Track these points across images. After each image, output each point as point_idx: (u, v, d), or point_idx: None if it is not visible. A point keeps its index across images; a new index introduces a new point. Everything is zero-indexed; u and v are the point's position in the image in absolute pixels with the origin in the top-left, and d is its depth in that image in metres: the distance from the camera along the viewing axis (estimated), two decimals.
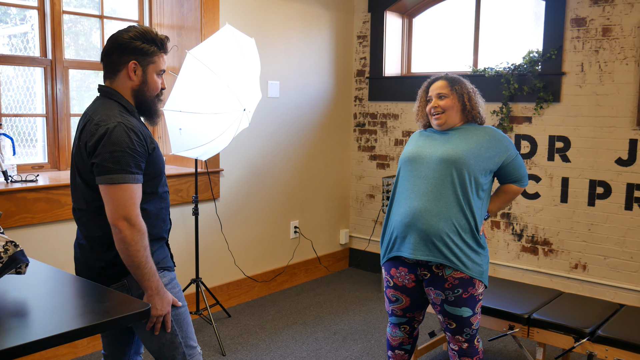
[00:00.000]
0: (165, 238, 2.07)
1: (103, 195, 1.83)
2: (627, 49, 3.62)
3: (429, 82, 2.64)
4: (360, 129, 5.02)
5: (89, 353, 3.36)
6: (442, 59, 4.69)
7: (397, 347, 2.74)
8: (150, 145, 1.92)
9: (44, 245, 3.13)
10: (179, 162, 3.94)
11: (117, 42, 1.93)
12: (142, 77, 1.95)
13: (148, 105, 2.00)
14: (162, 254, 2.02)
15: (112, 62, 1.95)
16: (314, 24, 4.61)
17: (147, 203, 1.94)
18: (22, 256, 1.64)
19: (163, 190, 2.02)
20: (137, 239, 1.82)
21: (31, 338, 1.42)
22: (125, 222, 1.80)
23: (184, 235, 3.82)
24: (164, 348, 2.00)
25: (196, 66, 3.16)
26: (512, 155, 2.52)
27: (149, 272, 1.86)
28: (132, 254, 1.82)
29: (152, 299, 1.88)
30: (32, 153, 3.51)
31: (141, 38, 1.93)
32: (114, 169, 1.80)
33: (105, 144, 1.81)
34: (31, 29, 3.43)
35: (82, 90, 3.74)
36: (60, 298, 1.79)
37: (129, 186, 1.81)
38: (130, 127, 1.85)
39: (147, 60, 1.95)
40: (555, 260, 4.00)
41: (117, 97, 1.95)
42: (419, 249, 2.44)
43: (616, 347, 2.62)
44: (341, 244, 5.10)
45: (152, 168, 1.93)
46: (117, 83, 1.96)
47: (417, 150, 2.56)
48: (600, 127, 3.76)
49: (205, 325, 3.78)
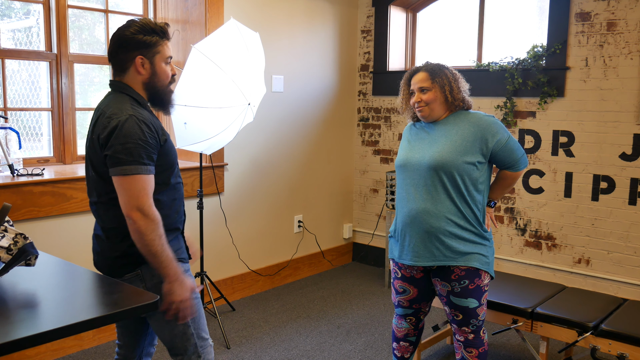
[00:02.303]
0: (179, 229, 2.09)
1: (116, 187, 1.85)
2: (632, 43, 3.62)
3: (409, 73, 2.57)
4: (364, 123, 5.03)
5: (94, 345, 3.38)
6: (446, 53, 4.69)
7: (402, 338, 2.76)
8: (162, 137, 1.94)
9: (50, 238, 3.15)
10: (183, 156, 3.95)
11: (120, 40, 1.95)
12: (151, 69, 1.97)
13: (161, 95, 2.03)
14: (176, 245, 2.03)
15: (119, 61, 1.97)
16: (318, 18, 4.61)
17: (160, 194, 1.96)
18: (31, 248, 1.66)
19: (176, 181, 2.04)
20: (152, 228, 1.84)
21: (41, 329, 1.43)
22: (139, 213, 1.82)
23: (189, 229, 3.82)
24: (176, 339, 2.02)
25: (201, 60, 3.16)
26: (501, 140, 2.44)
27: (166, 259, 1.87)
28: (148, 243, 1.84)
29: (171, 285, 1.90)
30: (37, 147, 3.52)
31: (142, 31, 1.94)
32: (126, 160, 1.82)
33: (118, 136, 1.83)
34: (36, 23, 3.44)
35: (86, 84, 3.75)
36: (69, 290, 1.81)
37: (141, 177, 1.84)
38: (142, 119, 1.88)
39: (152, 51, 1.96)
40: (559, 255, 4.00)
41: (129, 90, 1.97)
42: (420, 254, 2.48)
43: (619, 341, 2.63)
44: (345, 239, 5.12)
45: (164, 159, 1.95)
46: (127, 78, 1.99)
47: (406, 155, 2.55)
48: (605, 122, 3.76)
49: (210, 318, 3.80)
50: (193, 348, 2.04)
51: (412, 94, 2.54)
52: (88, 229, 3.31)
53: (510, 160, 2.51)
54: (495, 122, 2.47)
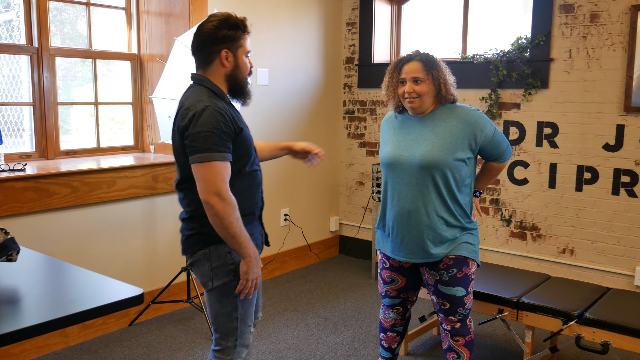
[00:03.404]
0: (254, 214, 2.18)
1: (194, 174, 1.97)
2: (615, 35, 3.65)
3: (401, 61, 2.48)
4: (350, 116, 5.03)
5: (80, 342, 3.35)
6: (431, 45, 4.69)
7: (389, 329, 2.77)
8: (238, 126, 2.03)
9: (33, 234, 3.11)
10: (169, 151, 3.92)
11: (206, 34, 2.04)
12: (234, 62, 2.08)
13: (241, 87, 2.13)
14: (250, 230, 2.12)
15: (204, 55, 2.07)
16: (302, 10, 4.59)
17: (235, 181, 2.06)
18: (12, 243, 1.64)
19: (251, 169, 2.13)
20: (230, 211, 1.95)
21: (23, 325, 1.42)
22: (216, 197, 1.93)
23: (174, 224, 3.81)
24: (221, 318, 2.13)
25: (185, 53, 3.14)
26: (489, 134, 2.46)
27: (244, 240, 2.00)
28: (226, 226, 1.95)
29: (250, 264, 2.03)
30: (19, 142, 3.48)
31: (226, 25, 2.04)
32: (202, 148, 1.93)
33: (194, 126, 1.94)
34: (16, 16, 3.39)
35: (69, 79, 3.70)
36: (51, 285, 1.79)
37: (217, 164, 1.94)
38: (217, 109, 1.97)
39: (235, 45, 2.06)
40: (544, 245, 4.04)
41: (207, 83, 2.07)
42: (413, 252, 2.50)
43: (603, 329, 2.66)
44: (331, 232, 5.12)
45: (239, 148, 2.05)
46: (210, 72, 2.08)
47: (394, 152, 2.51)
48: (588, 113, 3.79)
49: (197, 313, 3.79)
50: (233, 330, 2.14)
51: (401, 82, 2.46)
52: (72, 225, 3.29)
53: (497, 153, 2.54)
54: (481, 116, 2.47)
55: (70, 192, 3.22)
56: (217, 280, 2.08)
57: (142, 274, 3.67)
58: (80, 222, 3.32)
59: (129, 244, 3.58)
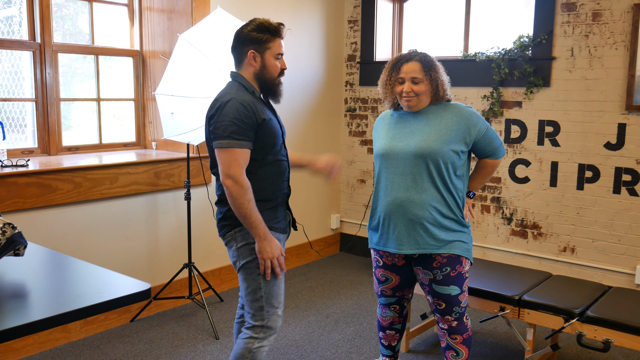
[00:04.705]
0: (277, 200, 2.33)
1: (217, 158, 2.19)
2: (617, 33, 3.65)
3: (400, 60, 2.51)
4: (351, 114, 5.03)
5: (82, 337, 3.36)
6: (433, 43, 4.70)
7: (387, 327, 2.78)
8: (260, 117, 2.19)
9: (36, 230, 3.11)
10: (170, 147, 3.92)
11: (238, 36, 2.27)
12: (261, 63, 2.27)
13: (269, 86, 2.31)
14: (270, 215, 2.29)
15: (237, 54, 2.30)
16: (304, 8, 4.59)
17: (257, 168, 2.24)
18: (20, 238, 1.64)
19: (275, 158, 2.30)
20: (242, 193, 2.14)
21: (30, 319, 1.42)
22: (231, 180, 2.14)
23: (176, 220, 3.81)
24: (248, 296, 2.30)
25: (188, 50, 3.14)
26: (482, 130, 2.50)
27: (255, 220, 2.18)
28: (238, 206, 2.16)
29: (260, 244, 2.21)
30: (21, 138, 3.48)
31: (257, 29, 2.24)
32: (222, 135, 2.14)
33: (219, 115, 2.16)
34: (18, 12, 3.38)
35: (69, 75, 3.70)
36: (59, 280, 1.79)
37: (234, 150, 2.14)
38: (241, 101, 2.17)
39: (263, 47, 2.25)
40: (545, 243, 4.05)
41: (240, 79, 2.29)
42: (404, 243, 2.50)
43: (605, 327, 2.67)
44: (332, 229, 5.13)
45: (263, 137, 2.22)
46: (242, 69, 2.30)
47: (389, 144, 2.53)
48: (590, 112, 3.79)
49: (198, 309, 3.79)
50: (259, 311, 2.28)
51: (399, 81, 2.50)
52: (74, 220, 3.29)
53: (490, 149, 2.57)
54: (474, 112, 2.53)
55: (73, 187, 3.22)
56: (242, 259, 2.27)
57: (144, 270, 3.67)
58: (83, 218, 3.33)
59: (131, 240, 3.58)
